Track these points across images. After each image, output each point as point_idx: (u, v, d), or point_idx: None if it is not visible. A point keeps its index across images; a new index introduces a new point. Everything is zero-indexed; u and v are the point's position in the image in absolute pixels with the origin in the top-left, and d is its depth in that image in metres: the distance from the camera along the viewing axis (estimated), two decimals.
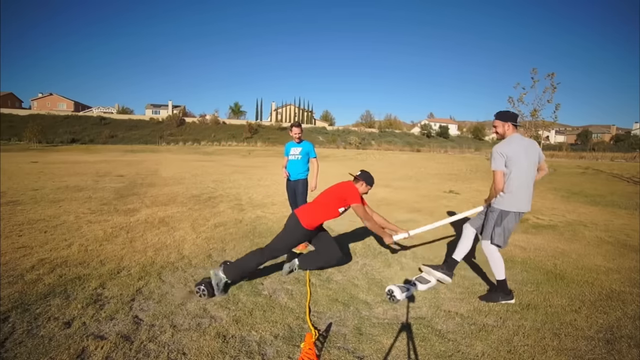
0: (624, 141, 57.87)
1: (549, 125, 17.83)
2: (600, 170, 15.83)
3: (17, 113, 50.39)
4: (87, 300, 2.67)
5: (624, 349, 2.24)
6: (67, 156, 21.98)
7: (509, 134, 2.97)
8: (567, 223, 5.88)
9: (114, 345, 2.12)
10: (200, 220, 5.38)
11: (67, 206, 6.07)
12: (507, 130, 2.98)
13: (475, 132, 67.03)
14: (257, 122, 57.96)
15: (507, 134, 2.98)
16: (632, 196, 9.11)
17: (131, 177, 10.80)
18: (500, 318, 2.62)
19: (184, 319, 2.48)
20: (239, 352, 2.12)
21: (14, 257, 3.49)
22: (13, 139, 39.04)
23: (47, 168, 13.13)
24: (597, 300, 2.95)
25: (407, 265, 3.75)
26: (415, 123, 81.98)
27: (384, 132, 59.50)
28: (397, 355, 2.16)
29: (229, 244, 4.25)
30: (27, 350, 2.04)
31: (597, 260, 4.02)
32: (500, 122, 2.98)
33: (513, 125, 2.98)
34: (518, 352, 2.19)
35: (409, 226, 5.50)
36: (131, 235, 4.44)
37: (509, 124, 2.97)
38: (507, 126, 2.98)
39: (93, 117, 52.41)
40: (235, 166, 16.63)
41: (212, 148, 35.96)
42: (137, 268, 3.35)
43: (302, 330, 2.39)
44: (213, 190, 8.43)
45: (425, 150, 34.45)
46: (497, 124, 3.01)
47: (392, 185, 11.08)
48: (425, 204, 7.55)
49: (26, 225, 4.74)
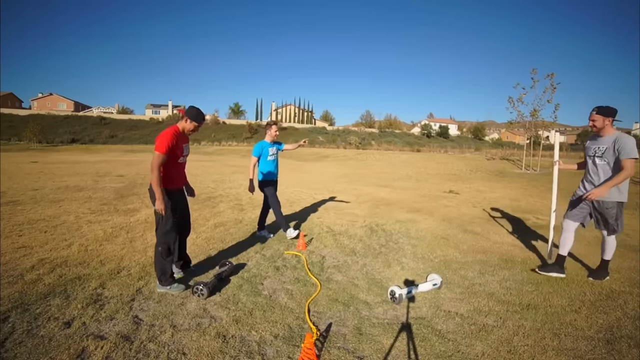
0: None
1: (549, 125, 17.82)
2: None
3: (17, 113, 50.36)
4: (87, 300, 2.67)
5: (624, 349, 2.24)
6: (67, 156, 21.98)
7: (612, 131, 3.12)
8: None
9: (114, 345, 2.12)
10: (200, 220, 5.38)
11: (67, 206, 6.07)
12: (607, 125, 3.12)
13: (475, 132, 66.99)
14: (257, 122, 57.89)
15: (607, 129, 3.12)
16: (632, 196, 9.04)
17: (131, 177, 10.79)
18: (500, 318, 2.62)
19: (184, 319, 2.48)
20: (239, 352, 2.12)
21: (14, 257, 3.49)
22: (13, 139, 39.03)
23: (47, 168, 13.12)
24: (597, 300, 2.95)
25: (407, 265, 3.75)
26: (415, 123, 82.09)
27: (384, 132, 59.46)
28: (397, 355, 2.15)
29: (229, 244, 4.24)
30: (27, 350, 2.04)
31: (597, 260, 4.01)
32: (601, 117, 3.10)
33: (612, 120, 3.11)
34: (518, 352, 2.19)
35: (409, 226, 5.53)
36: (131, 235, 4.44)
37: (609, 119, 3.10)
38: (608, 121, 3.11)
39: (93, 117, 52.39)
40: (235, 166, 16.62)
41: (212, 148, 35.94)
42: (137, 268, 3.35)
43: (302, 330, 2.39)
44: (213, 190, 8.42)
45: (425, 150, 34.39)
46: (597, 117, 3.12)
47: (392, 185, 11.07)
48: (425, 204, 7.55)
49: (26, 225, 4.74)
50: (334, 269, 3.56)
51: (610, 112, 3.09)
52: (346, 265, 3.68)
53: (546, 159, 18.10)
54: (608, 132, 3.14)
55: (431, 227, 5.43)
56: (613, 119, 3.10)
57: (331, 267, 3.63)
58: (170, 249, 2.94)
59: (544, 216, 6.42)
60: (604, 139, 3.16)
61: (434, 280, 3.09)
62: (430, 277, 3.17)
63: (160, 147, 2.74)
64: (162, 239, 2.90)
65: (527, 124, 17.56)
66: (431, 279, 3.14)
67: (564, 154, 30.96)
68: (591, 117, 3.16)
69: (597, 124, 3.13)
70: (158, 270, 2.91)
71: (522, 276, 3.47)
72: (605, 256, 3.38)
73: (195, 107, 2.98)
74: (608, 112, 3.09)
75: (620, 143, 3.01)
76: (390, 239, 4.75)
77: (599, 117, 3.10)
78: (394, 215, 6.19)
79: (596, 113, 3.12)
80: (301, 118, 63.96)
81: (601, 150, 3.15)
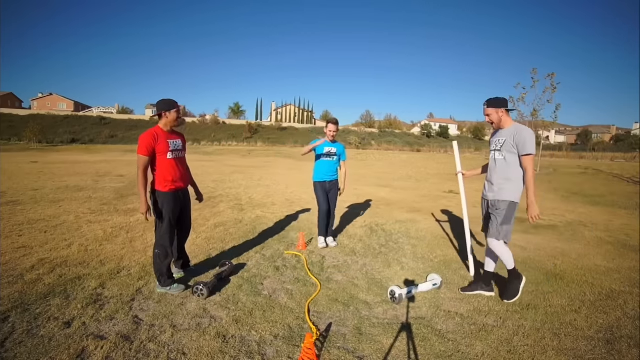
0: (624, 141, 57.84)
1: (549, 125, 17.81)
2: (600, 171, 15.83)
3: (17, 113, 50.32)
4: (87, 300, 2.67)
5: (624, 349, 2.24)
6: (67, 156, 21.97)
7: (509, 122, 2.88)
8: (567, 223, 5.88)
9: (114, 345, 2.12)
10: (200, 220, 5.38)
11: (67, 206, 6.07)
12: (502, 117, 2.88)
13: (475, 132, 66.95)
14: (257, 122, 57.87)
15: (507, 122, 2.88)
16: (632, 196, 9.10)
17: (131, 177, 10.79)
18: (500, 318, 2.62)
19: (184, 319, 2.48)
20: (239, 352, 2.12)
21: (14, 257, 3.49)
22: (13, 139, 39.00)
23: (47, 168, 13.12)
24: (597, 300, 2.95)
25: (407, 265, 3.75)
26: (415, 123, 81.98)
27: (384, 132, 59.44)
28: (397, 355, 2.15)
29: (229, 244, 4.24)
30: (27, 350, 2.04)
31: (597, 260, 4.01)
32: (493, 110, 2.88)
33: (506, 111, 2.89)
34: (518, 352, 2.19)
35: (409, 226, 5.53)
36: (131, 235, 4.44)
37: (502, 110, 2.87)
38: (501, 112, 2.88)
39: (93, 117, 52.35)
40: (235, 166, 16.62)
41: (212, 148, 35.93)
42: (137, 268, 3.35)
43: (302, 330, 2.39)
44: (213, 190, 8.43)
45: (425, 150, 34.43)
46: (490, 111, 2.89)
47: (392, 185, 11.07)
48: (425, 204, 7.55)
49: (26, 225, 4.74)
50: (334, 269, 3.56)
51: (501, 103, 2.87)
52: (346, 265, 3.68)
53: (546, 158, 18.09)
54: (506, 124, 2.90)
55: (431, 227, 5.43)
56: (507, 110, 2.88)
57: (331, 267, 3.63)
58: (167, 251, 2.92)
59: (544, 216, 6.43)
60: (503, 132, 2.90)
61: (434, 280, 3.09)
62: (430, 277, 3.17)
63: (139, 149, 2.73)
64: (159, 241, 2.90)
65: (527, 123, 17.55)
66: (431, 279, 3.14)
67: (564, 153, 30.97)
68: (485, 112, 2.94)
69: (493, 118, 2.89)
70: (156, 272, 2.91)
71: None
72: (507, 266, 2.93)
73: (162, 99, 2.90)
74: (498, 103, 2.87)
75: (520, 137, 2.76)
76: (390, 239, 4.75)
77: (492, 110, 2.87)
78: (394, 215, 6.19)
79: (488, 107, 2.89)
80: (301, 118, 63.91)
81: (500, 142, 2.88)
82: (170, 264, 3.00)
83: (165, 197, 2.87)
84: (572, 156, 29.38)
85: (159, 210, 2.87)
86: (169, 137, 2.90)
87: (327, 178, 4.18)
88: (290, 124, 58.87)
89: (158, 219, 2.89)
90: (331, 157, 4.19)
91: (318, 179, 4.18)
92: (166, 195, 2.87)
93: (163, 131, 2.88)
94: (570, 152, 33.94)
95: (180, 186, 2.99)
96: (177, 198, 2.97)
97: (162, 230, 2.89)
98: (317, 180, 4.18)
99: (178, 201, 2.98)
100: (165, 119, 2.89)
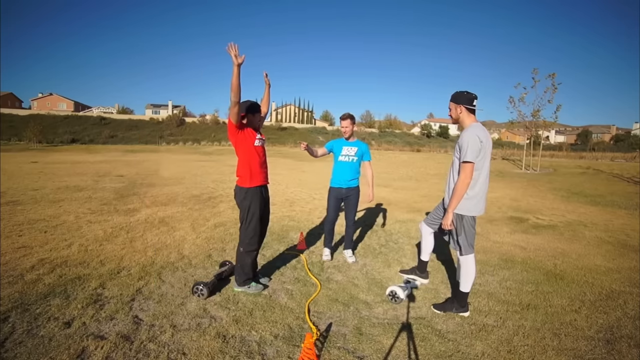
0: (624, 141, 57.81)
1: (550, 125, 17.81)
2: (600, 170, 15.82)
3: (17, 113, 50.28)
4: (87, 300, 2.67)
5: (624, 349, 2.24)
6: (67, 156, 21.97)
7: (467, 122, 2.49)
8: (567, 223, 5.88)
9: (114, 345, 2.12)
10: (200, 220, 5.38)
11: (67, 206, 6.07)
12: (460, 114, 2.51)
13: None
14: None
15: (465, 121, 2.50)
16: (632, 196, 9.10)
17: (131, 177, 10.80)
18: (500, 318, 2.62)
19: (184, 319, 2.48)
20: (239, 352, 2.12)
21: (14, 257, 3.49)
22: (13, 139, 38.99)
23: (47, 168, 13.12)
24: (597, 300, 2.95)
25: (407, 265, 3.75)
26: (415, 123, 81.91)
27: (384, 132, 59.44)
28: (397, 355, 2.15)
29: (229, 244, 4.24)
30: (27, 350, 2.04)
31: (597, 260, 4.02)
32: (453, 105, 2.54)
33: (467, 109, 2.49)
34: (518, 352, 2.19)
35: (409, 226, 5.52)
36: (131, 235, 4.44)
37: (461, 107, 2.49)
38: (460, 109, 2.50)
39: (93, 117, 52.32)
40: (235, 166, 16.60)
41: (212, 148, 35.93)
42: (137, 268, 3.35)
43: (302, 330, 2.39)
44: (213, 190, 8.42)
45: (425, 150, 34.39)
46: (450, 106, 2.56)
47: (392, 185, 11.07)
48: (425, 204, 7.55)
49: (26, 225, 4.74)
50: (334, 269, 3.56)
51: (460, 98, 2.48)
52: (346, 265, 3.68)
53: (546, 159, 18.10)
54: (465, 123, 2.52)
55: None
56: (466, 107, 2.47)
57: (331, 267, 3.63)
58: (253, 248, 2.96)
59: (544, 216, 6.43)
60: (461, 133, 2.53)
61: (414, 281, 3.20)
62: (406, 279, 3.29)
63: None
64: (244, 239, 2.93)
65: (527, 123, 17.56)
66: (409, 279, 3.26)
67: (564, 153, 30.97)
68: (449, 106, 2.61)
69: (452, 114, 2.54)
70: (237, 269, 2.94)
71: (522, 276, 3.47)
72: (460, 286, 2.62)
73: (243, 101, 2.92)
74: (457, 97, 2.49)
75: (460, 140, 2.43)
76: (390, 239, 4.75)
77: (451, 105, 2.53)
78: (394, 215, 6.19)
79: (450, 101, 2.54)
80: (301, 118, 63.93)
81: (457, 144, 2.54)
82: (254, 262, 3.01)
83: (254, 191, 2.92)
84: (572, 156, 29.35)
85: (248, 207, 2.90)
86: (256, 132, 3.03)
87: (343, 184, 3.67)
88: (290, 124, 58.88)
89: (252, 214, 2.91)
90: (350, 158, 3.68)
91: (333, 184, 3.74)
92: (255, 190, 2.93)
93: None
94: (570, 152, 33.92)
95: (263, 183, 3.04)
96: (263, 193, 3.03)
97: (250, 226, 2.91)
98: (332, 186, 3.75)
99: (264, 196, 3.04)
100: (250, 119, 2.96)
